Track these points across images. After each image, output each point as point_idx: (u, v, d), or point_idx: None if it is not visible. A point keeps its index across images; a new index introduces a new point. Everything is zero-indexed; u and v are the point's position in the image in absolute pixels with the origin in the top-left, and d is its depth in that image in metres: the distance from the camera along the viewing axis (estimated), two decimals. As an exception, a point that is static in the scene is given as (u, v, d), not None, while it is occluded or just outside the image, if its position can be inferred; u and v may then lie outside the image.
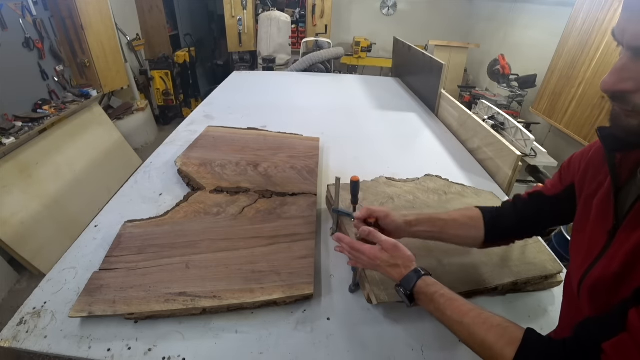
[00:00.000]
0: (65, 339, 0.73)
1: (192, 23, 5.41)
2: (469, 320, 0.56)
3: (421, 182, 1.27)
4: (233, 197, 1.17)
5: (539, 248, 0.96)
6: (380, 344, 0.77)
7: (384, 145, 1.77)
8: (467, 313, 0.57)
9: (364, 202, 1.12)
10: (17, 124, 2.30)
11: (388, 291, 0.79)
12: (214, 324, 0.78)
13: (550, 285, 0.91)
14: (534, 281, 0.88)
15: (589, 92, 2.32)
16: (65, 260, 0.93)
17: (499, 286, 0.84)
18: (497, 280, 0.85)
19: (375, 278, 0.83)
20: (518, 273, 0.87)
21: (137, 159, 3.42)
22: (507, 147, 1.45)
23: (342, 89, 2.75)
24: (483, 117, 1.99)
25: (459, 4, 4.90)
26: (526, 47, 3.62)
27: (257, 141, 1.58)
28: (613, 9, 2.16)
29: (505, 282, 0.84)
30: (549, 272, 0.88)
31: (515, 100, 3.24)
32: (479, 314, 0.56)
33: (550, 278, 0.90)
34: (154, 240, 0.95)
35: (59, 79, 2.86)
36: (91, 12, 3.00)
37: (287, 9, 4.62)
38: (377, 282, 0.82)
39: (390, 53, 3.52)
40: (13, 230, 2.03)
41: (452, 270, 0.87)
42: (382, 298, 0.78)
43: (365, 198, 1.14)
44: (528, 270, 0.88)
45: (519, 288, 0.89)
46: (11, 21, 2.38)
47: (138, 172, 1.37)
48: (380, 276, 0.83)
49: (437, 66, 2.17)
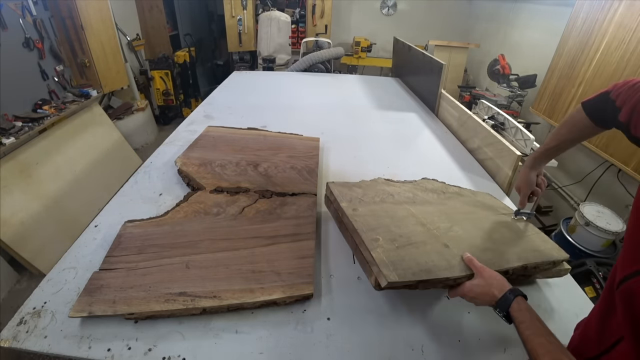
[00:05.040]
0: (65, 339, 0.73)
1: (192, 23, 5.41)
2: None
3: (419, 184, 1.27)
4: (233, 197, 1.17)
5: (542, 238, 0.98)
6: (380, 344, 0.77)
7: (384, 145, 1.77)
8: (543, 355, 0.56)
9: (364, 197, 1.12)
10: (17, 124, 2.30)
11: (398, 271, 0.75)
12: (214, 324, 0.78)
13: (558, 273, 0.93)
14: (543, 266, 0.89)
15: (589, 92, 2.32)
16: (65, 260, 0.93)
17: (510, 269, 0.84)
18: (506, 263, 0.84)
19: (384, 259, 0.79)
20: (527, 258, 0.87)
21: (137, 159, 3.42)
22: (507, 147, 1.45)
23: (342, 89, 2.75)
24: (483, 117, 1.99)
25: (459, 4, 4.90)
26: (526, 47, 3.62)
27: (257, 141, 1.58)
28: (613, 8, 2.16)
29: (516, 266, 0.84)
30: (556, 259, 0.90)
31: (515, 100, 3.23)
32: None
33: (558, 265, 0.92)
34: (154, 240, 0.95)
35: (59, 79, 2.86)
36: (91, 12, 2.99)
37: (287, 9, 4.62)
38: (385, 263, 0.78)
39: (390, 53, 3.52)
40: (13, 230, 2.03)
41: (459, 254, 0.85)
42: (392, 278, 0.73)
43: (365, 194, 1.14)
44: (535, 257, 0.88)
45: (529, 273, 0.90)
46: (11, 21, 2.38)
47: (138, 172, 1.37)
48: (389, 257, 0.80)
49: (437, 66, 2.17)
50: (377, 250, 0.82)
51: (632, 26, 2.01)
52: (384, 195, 1.14)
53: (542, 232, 1.01)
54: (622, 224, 2.00)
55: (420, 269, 0.77)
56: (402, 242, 0.87)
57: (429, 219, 0.98)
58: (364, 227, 0.91)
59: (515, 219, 1.05)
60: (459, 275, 0.77)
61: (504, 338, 0.80)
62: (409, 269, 0.77)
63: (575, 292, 0.97)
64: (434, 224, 0.96)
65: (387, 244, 0.85)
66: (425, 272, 0.77)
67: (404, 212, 1.02)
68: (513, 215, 1.06)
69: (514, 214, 1.06)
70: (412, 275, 0.75)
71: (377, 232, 0.89)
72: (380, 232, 0.89)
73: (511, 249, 0.91)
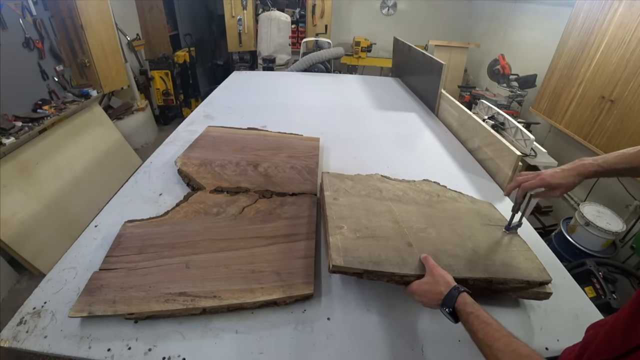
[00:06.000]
0: (65, 339, 0.73)
1: (192, 23, 5.41)
2: (499, 346, 0.57)
3: (416, 184, 1.26)
4: (233, 197, 1.17)
5: (527, 256, 0.91)
6: (380, 344, 0.77)
7: (384, 145, 1.77)
8: (498, 339, 0.58)
9: (351, 190, 1.12)
10: (17, 124, 2.30)
11: (346, 258, 0.79)
12: (214, 324, 0.78)
13: (536, 295, 0.86)
14: (512, 284, 0.83)
15: (589, 92, 2.32)
16: (65, 260, 0.93)
17: (470, 279, 0.81)
18: (468, 272, 0.82)
19: (338, 245, 0.83)
20: (494, 272, 0.83)
21: (137, 159, 3.42)
22: (507, 147, 1.44)
23: (342, 89, 2.75)
24: (483, 117, 1.99)
25: (459, 4, 4.90)
26: (526, 47, 3.62)
27: (257, 141, 1.58)
28: (613, 8, 2.16)
29: (478, 277, 0.81)
30: (532, 279, 0.83)
31: (515, 100, 3.23)
32: (509, 342, 0.56)
33: (534, 286, 0.85)
34: (154, 240, 0.95)
35: (59, 79, 2.86)
36: (91, 12, 2.99)
37: (287, 9, 4.62)
38: (338, 248, 0.82)
39: (390, 53, 3.52)
40: (13, 230, 2.03)
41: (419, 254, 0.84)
42: (338, 262, 0.78)
43: (354, 186, 1.14)
44: (505, 272, 0.84)
45: (495, 289, 0.85)
46: (11, 21, 2.38)
47: (138, 172, 1.37)
48: (344, 244, 0.84)
49: (437, 66, 2.17)
50: (337, 236, 0.86)
51: (632, 26, 2.01)
52: (372, 190, 1.14)
53: (531, 250, 0.94)
54: (622, 224, 2.00)
55: (371, 260, 0.81)
56: (364, 233, 0.90)
57: (404, 218, 1.00)
58: (334, 215, 0.95)
59: (506, 232, 0.99)
60: (407, 273, 0.79)
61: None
62: (359, 257, 0.81)
63: (575, 292, 0.97)
64: (407, 223, 0.98)
65: (349, 232, 0.89)
66: (374, 263, 0.80)
67: (383, 207, 1.04)
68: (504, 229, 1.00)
69: (505, 228, 1.00)
70: (358, 264, 0.79)
71: (346, 221, 0.93)
72: (349, 222, 0.93)
73: (481, 260, 0.87)
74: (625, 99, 2.03)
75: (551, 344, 0.80)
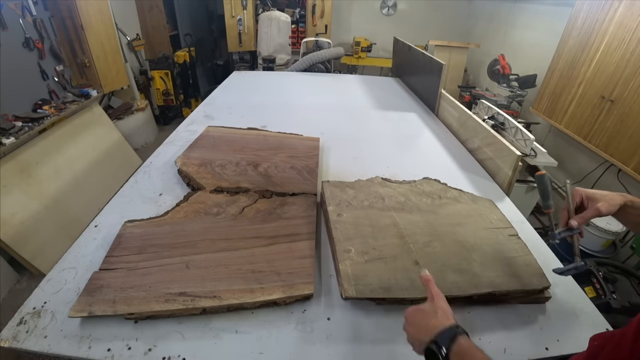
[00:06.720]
0: (65, 339, 0.73)
1: (192, 23, 5.41)
2: None
3: (417, 185, 1.26)
4: (233, 197, 1.17)
5: (527, 261, 0.92)
6: (380, 343, 0.77)
7: (384, 145, 1.77)
8: None
9: (353, 201, 1.12)
10: (17, 124, 2.30)
11: (357, 287, 0.81)
12: (214, 324, 0.78)
13: (535, 300, 0.87)
14: (515, 294, 0.84)
15: (589, 92, 2.32)
16: (65, 260, 0.93)
17: (475, 295, 0.82)
18: (474, 289, 0.82)
19: (348, 273, 0.84)
20: (499, 285, 0.83)
21: (137, 159, 3.42)
22: (507, 147, 1.44)
23: (342, 88, 2.75)
24: (483, 117, 1.99)
25: (459, 4, 4.90)
26: (526, 47, 3.62)
27: (257, 141, 1.58)
28: (613, 8, 2.16)
29: (482, 292, 0.82)
30: (533, 287, 0.84)
31: (515, 100, 3.24)
32: None
33: (534, 294, 0.86)
34: (154, 240, 0.95)
35: (59, 79, 2.86)
36: (91, 12, 3.00)
37: (287, 9, 4.62)
38: (348, 277, 0.83)
39: (390, 53, 3.52)
40: (13, 230, 2.03)
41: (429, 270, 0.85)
42: (350, 293, 0.79)
43: (356, 196, 1.14)
44: (509, 284, 0.84)
45: (497, 299, 0.86)
46: (11, 21, 2.38)
47: (138, 172, 1.37)
48: (354, 270, 0.85)
49: (437, 66, 2.17)
50: (346, 262, 0.88)
51: (632, 26, 2.01)
52: (374, 198, 1.15)
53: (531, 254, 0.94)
54: (621, 224, 2.00)
55: (381, 286, 0.82)
56: (372, 255, 0.91)
57: (409, 231, 1.00)
58: (341, 237, 0.96)
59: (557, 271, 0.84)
60: (416, 297, 0.79)
61: (504, 338, 0.80)
62: (369, 285, 0.82)
63: (575, 292, 0.97)
64: (413, 237, 0.98)
65: (357, 256, 0.90)
66: (384, 290, 0.81)
67: (387, 220, 1.05)
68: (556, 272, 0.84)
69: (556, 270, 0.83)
70: (370, 293, 0.80)
71: (353, 242, 0.94)
72: (356, 243, 0.94)
73: (487, 272, 0.87)
74: (625, 99, 2.03)
75: (551, 344, 0.80)
